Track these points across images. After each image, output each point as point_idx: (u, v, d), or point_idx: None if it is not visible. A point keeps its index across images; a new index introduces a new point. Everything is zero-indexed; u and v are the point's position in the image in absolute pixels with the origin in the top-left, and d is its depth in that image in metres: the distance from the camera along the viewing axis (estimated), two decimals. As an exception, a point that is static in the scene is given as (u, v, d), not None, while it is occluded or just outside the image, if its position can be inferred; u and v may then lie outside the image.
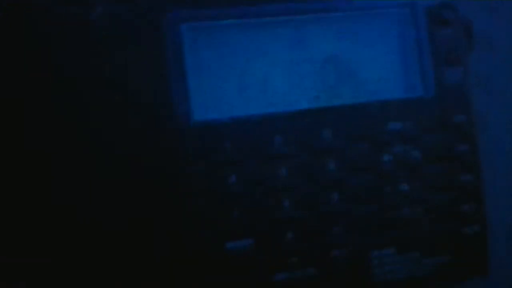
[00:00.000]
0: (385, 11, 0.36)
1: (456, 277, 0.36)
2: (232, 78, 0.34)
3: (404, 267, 0.35)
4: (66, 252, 0.31)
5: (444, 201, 0.35)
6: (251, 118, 0.34)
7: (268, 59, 0.35)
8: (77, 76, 0.32)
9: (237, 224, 0.33)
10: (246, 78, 0.34)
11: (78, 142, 0.32)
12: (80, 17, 0.33)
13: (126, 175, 0.32)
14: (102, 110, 0.32)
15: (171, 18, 0.33)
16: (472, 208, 0.35)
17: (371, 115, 0.35)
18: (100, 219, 0.31)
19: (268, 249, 0.33)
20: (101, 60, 0.32)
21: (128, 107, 0.32)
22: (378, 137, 0.35)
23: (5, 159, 0.31)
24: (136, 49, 0.33)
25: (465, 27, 0.38)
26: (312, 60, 0.35)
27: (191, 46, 0.34)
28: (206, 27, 0.34)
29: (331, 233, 0.34)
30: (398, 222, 0.35)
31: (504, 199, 0.42)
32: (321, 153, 0.34)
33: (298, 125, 0.34)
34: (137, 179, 0.32)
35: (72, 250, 0.31)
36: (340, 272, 0.34)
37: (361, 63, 0.36)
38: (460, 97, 0.36)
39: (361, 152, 0.35)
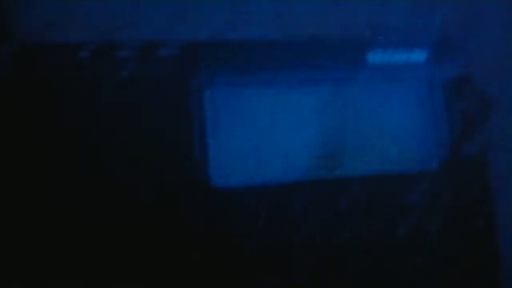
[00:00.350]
0: (405, 84, 0.36)
1: None
2: (254, 144, 0.35)
3: None
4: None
5: (463, 278, 0.35)
6: (269, 186, 0.34)
7: (289, 126, 0.35)
8: (103, 131, 0.33)
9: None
10: (268, 144, 0.35)
11: (103, 199, 0.32)
12: (112, 76, 0.34)
13: (145, 232, 0.32)
14: (125, 168, 0.33)
15: (195, 84, 0.34)
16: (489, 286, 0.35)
17: (389, 186, 0.35)
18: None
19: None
20: (129, 118, 0.33)
21: (151, 166, 0.33)
22: (396, 209, 0.35)
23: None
24: (163, 111, 0.34)
25: (482, 99, 0.39)
26: (332, 128, 0.36)
27: (213, 112, 0.35)
28: (230, 93, 0.35)
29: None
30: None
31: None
32: (338, 224, 0.35)
33: (317, 195, 0.35)
34: (153, 242, 0.32)
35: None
36: None
37: (381, 134, 0.37)
38: (477, 170, 0.37)
39: (378, 223, 0.35)
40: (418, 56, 0.38)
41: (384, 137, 0.37)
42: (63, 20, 0.35)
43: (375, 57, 0.38)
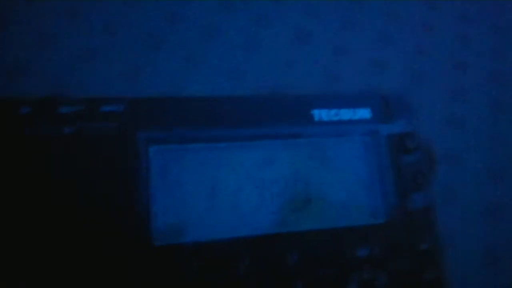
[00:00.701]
0: (349, 139, 0.37)
1: None
2: (200, 201, 0.34)
3: None
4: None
5: None
6: (215, 242, 0.33)
7: (236, 182, 0.35)
8: (48, 188, 0.32)
9: None
10: (214, 200, 0.34)
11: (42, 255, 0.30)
12: (53, 136, 0.33)
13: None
14: (69, 223, 0.31)
15: (140, 139, 0.33)
16: None
17: (338, 240, 0.35)
18: None
19: None
20: (73, 175, 0.32)
21: (93, 224, 0.31)
22: (346, 263, 0.35)
23: None
24: (106, 167, 0.33)
25: (427, 152, 0.40)
26: (280, 182, 0.36)
27: (159, 167, 0.34)
28: (174, 149, 0.34)
29: None
30: None
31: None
32: (287, 278, 0.33)
33: (265, 249, 0.34)
34: None
35: None
36: None
37: (328, 188, 0.37)
38: (425, 223, 0.37)
39: (327, 278, 0.34)
40: (363, 113, 0.39)
41: (332, 191, 0.37)
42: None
43: (321, 114, 0.38)
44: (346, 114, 0.38)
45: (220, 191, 0.35)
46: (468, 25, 0.54)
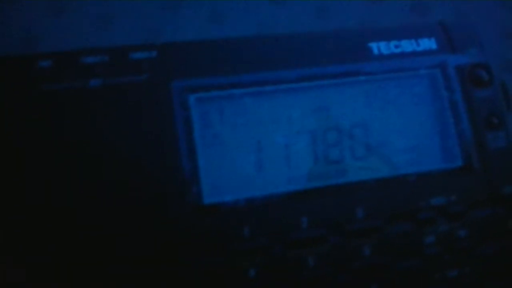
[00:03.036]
0: (414, 73, 0.31)
1: None
2: (248, 153, 0.29)
3: None
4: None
5: None
6: (271, 198, 0.28)
7: (287, 130, 0.30)
8: (78, 150, 0.28)
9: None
10: (264, 152, 0.29)
11: (81, 221, 0.27)
12: (77, 90, 0.28)
13: (129, 261, 0.27)
14: (103, 188, 0.28)
15: (177, 88, 0.28)
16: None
17: (409, 189, 0.30)
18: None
19: None
20: (101, 135, 0.27)
21: (132, 185, 0.27)
22: (419, 215, 0.29)
23: None
24: (142, 123, 0.28)
25: (501, 86, 0.34)
26: (338, 129, 0.31)
27: (201, 119, 0.29)
28: (217, 97, 0.29)
29: None
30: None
31: None
32: (355, 236, 0.29)
33: (326, 204, 0.29)
34: (139, 267, 0.26)
35: None
36: None
37: (392, 131, 0.31)
38: (507, 164, 0.31)
39: (401, 233, 0.29)
40: (427, 44, 0.33)
41: (397, 135, 0.31)
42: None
43: (380, 47, 0.32)
44: (408, 45, 0.32)
45: (271, 141, 0.29)
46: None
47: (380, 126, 0.31)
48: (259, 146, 0.30)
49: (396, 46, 0.32)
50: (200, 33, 0.37)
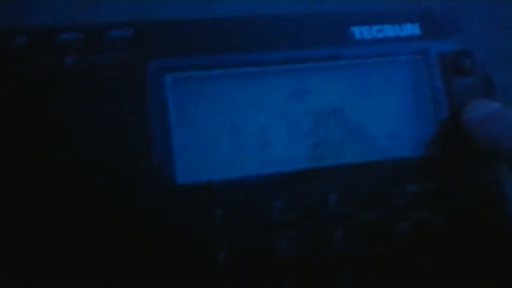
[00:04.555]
0: (395, 59, 0.31)
1: None
2: (224, 135, 0.29)
3: None
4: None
5: (476, 279, 0.29)
6: (245, 180, 0.28)
7: (264, 112, 0.30)
8: (51, 128, 0.28)
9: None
10: (240, 135, 0.29)
11: (47, 203, 0.27)
12: (52, 68, 0.28)
13: (100, 242, 0.27)
14: (74, 167, 0.27)
15: (154, 67, 0.28)
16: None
17: (384, 176, 0.30)
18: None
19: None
20: (75, 114, 0.27)
21: (104, 166, 0.27)
22: (393, 201, 0.29)
23: None
24: (114, 102, 0.28)
25: (485, 76, 0.33)
26: (315, 113, 0.30)
27: (177, 99, 0.29)
28: (194, 78, 0.29)
29: None
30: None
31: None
32: (327, 222, 0.28)
33: (300, 188, 0.28)
34: (110, 253, 0.26)
35: None
36: None
37: (370, 117, 0.31)
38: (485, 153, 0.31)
39: (373, 220, 0.29)
40: (411, 29, 0.33)
41: (376, 120, 0.31)
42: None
43: (362, 31, 0.32)
44: (391, 30, 0.32)
45: (247, 124, 0.29)
46: None
47: (359, 111, 0.31)
48: (235, 129, 0.29)
49: (379, 31, 0.32)
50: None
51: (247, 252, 0.27)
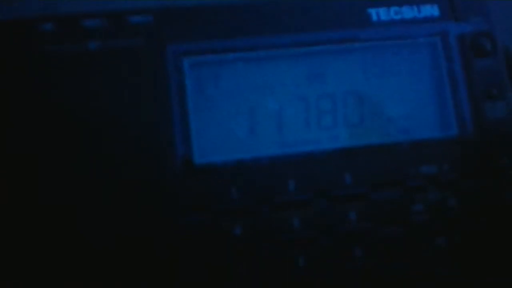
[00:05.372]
0: (413, 41, 0.31)
1: None
2: (241, 116, 0.30)
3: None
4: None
5: (491, 262, 0.29)
6: (260, 160, 0.29)
7: (281, 94, 0.30)
8: (71, 111, 0.29)
9: (244, 284, 0.28)
10: (256, 116, 0.30)
11: (72, 180, 0.28)
12: (77, 52, 0.29)
13: (120, 223, 0.28)
14: (96, 147, 0.28)
15: (172, 52, 0.29)
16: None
17: (400, 157, 0.30)
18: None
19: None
20: (98, 95, 0.29)
21: (124, 145, 0.28)
22: (409, 182, 0.29)
23: None
24: (136, 86, 0.29)
25: (506, 57, 0.33)
26: (332, 95, 0.31)
27: (195, 83, 0.30)
28: (211, 61, 0.30)
29: None
30: (434, 285, 0.29)
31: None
32: (342, 201, 0.29)
33: (315, 169, 0.29)
34: (130, 229, 0.27)
35: None
36: None
37: (387, 99, 0.31)
38: (504, 136, 0.31)
39: (388, 200, 0.29)
40: (429, 10, 0.32)
41: (393, 102, 0.31)
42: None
43: (379, 13, 0.32)
44: (409, 12, 0.32)
45: (264, 106, 0.30)
46: None
47: (376, 94, 0.31)
48: (251, 111, 0.30)
49: (396, 13, 0.32)
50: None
51: (262, 229, 0.28)
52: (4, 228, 0.26)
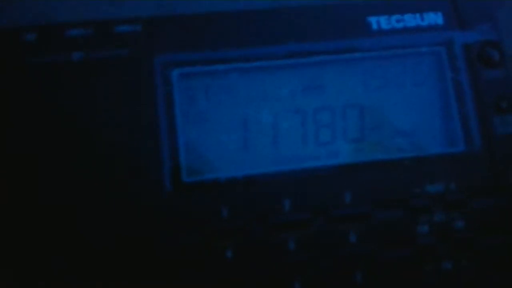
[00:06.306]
0: (416, 51, 0.29)
1: None
2: (233, 131, 0.28)
3: None
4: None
5: (500, 285, 0.27)
6: (254, 178, 0.27)
7: (276, 107, 0.28)
8: (53, 125, 0.28)
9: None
10: (250, 130, 0.28)
11: (51, 194, 0.27)
12: (60, 63, 0.28)
13: (104, 240, 0.26)
14: (80, 162, 0.27)
15: (160, 62, 0.27)
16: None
17: (403, 175, 0.28)
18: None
19: None
20: (82, 109, 0.27)
21: (110, 161, 0.26)
22: (413, 202, 0.27)
23: None
24: (123, 98, 0.27)
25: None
26: (330, 108, 0.29)
27: (184, 95, 0.28)
28: (202, 72, 0.28)
29: None
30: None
31: None
32: (341, 221, 0.27)
33: (312, 187, 0.27)
34: (115, 251, 0.25)
35: None
36: None
37: (389, 112, 0.29)
38: None
39: (391, 221, 0.27)
40: (433, 18, 0.31)
41: (395, 116, 0.29)
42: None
43: (380, 21, 0.30)
44: (411, 20, 0.30)
45: (258, 119, 0.28)
46: None
47: (377, 107, 0.29)
48: (245, 125, 0.28)
49: (398, 21, 0.30)
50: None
51: (255, 251, 0.26)
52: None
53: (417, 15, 0.30)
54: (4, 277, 0.25)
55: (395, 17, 0.30)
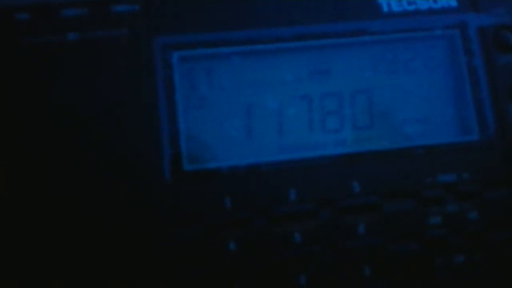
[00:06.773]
0: (429, 34, 0.27)
1: None
2: (236, 117, 0.26)
3: None
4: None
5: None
6: (258, 166, 0.25)
7: (281, 93, 0.27)
8: (48, 107, 0.26)
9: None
10: (254, 117, 0.26)
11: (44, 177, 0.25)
12: (54, 43, 0.26)
13: (103, 230, 0.25)
14: (78, 146, 0.26)
15: (160, 44, 0.26)
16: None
17: (414, 164, 0.26)
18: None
19: None
20: (77, 91, 0.25)
21: (107, 147, 0.25)
22: (425, 192, 0.26)
23: None
24: (121, 81, 0.26)
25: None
26: (338, 94, 0.27)
27: (185, 79, 0.26)
28: (204, 56, 0.26)
29: None
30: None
31: None
32: (349, 212, 0.26)
33: (319, 176, 0.26)
34: (114, 244, 0.24)
35: None
36: None
37: (400, 98, 0.28)
38: None
39: (401, 212, 0.26)
40: (446, 1, 0.29)
41: (406, 103, 0.28)
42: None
43: (391, 3, 0.29)
44: (424, 2, 0.28)
45: (262, 106, 0.27)
46: None
47: (387, 93, 0.28)
48: (248, 111, 0.27)
49: (410, 3, 0.28)
50: None
51: (259, 243, 0.25)
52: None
53: (430, -3, 0.28)
54: (4, 268, 0.23)
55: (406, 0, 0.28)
